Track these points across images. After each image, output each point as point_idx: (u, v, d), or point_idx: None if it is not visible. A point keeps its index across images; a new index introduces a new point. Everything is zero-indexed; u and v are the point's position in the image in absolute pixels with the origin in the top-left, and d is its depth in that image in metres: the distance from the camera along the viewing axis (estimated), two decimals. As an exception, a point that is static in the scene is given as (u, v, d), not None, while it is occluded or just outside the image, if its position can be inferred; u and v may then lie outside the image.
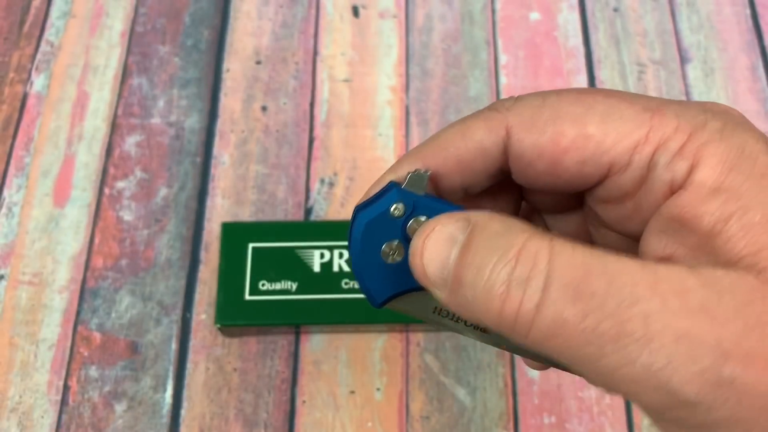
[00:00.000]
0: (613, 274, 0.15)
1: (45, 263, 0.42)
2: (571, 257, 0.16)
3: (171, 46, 0.48)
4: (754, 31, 0.49)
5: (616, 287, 0.15)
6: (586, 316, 0.15)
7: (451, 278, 0.17)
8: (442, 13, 0.50)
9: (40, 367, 0.39)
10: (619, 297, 0.15)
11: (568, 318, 0.15)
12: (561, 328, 0.15)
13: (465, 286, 0.17)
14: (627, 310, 0.15)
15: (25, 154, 0.45)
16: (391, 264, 0.19)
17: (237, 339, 0.40)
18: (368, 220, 0.19)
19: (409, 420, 0.38)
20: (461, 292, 0.17)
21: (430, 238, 0.17)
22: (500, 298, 0.16)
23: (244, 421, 0.38)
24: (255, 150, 0.45)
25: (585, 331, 0.15)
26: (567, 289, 0.15)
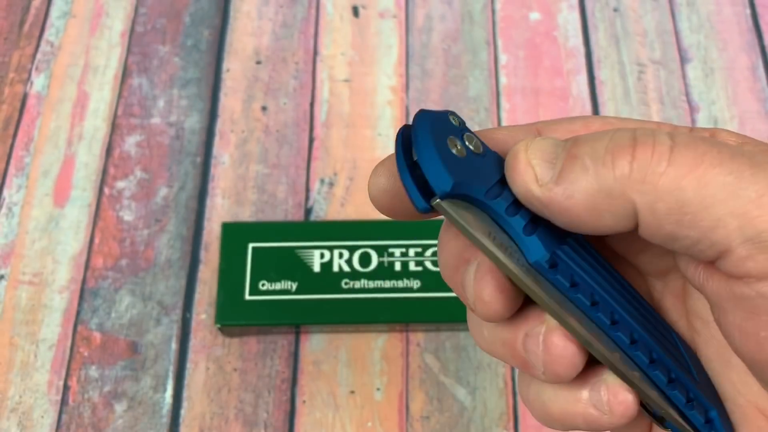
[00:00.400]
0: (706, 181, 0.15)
1: (45, 263, 0.42)
2: (689, 143, 0.16)
3: (171, 46, 0.48)
4: (754, 31, 0.49)
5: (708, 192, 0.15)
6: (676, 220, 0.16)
7: (565, 157, 0.16)
8: (442, 13, 0.50)
9: (40, 367, 0.39)
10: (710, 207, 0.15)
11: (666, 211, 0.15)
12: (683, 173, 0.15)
13: (582, 156, 0.16)
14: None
15: (25, 154, 0.45)
16: (458, 156, 0.17)
17: (237, 339, 0.40)
18: (432, 114, 0.18)
19: (409, 420, 0.38)
20: (575, 165, 0.16)
21: (537, 139, 0.17)
22: (629, 148, 0.16)
23: (244, 421, 0.38)
24: (255, 150, 0.45)
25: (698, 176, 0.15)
26: (689, 141, 0.16)
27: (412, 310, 0.38)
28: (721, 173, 0.15)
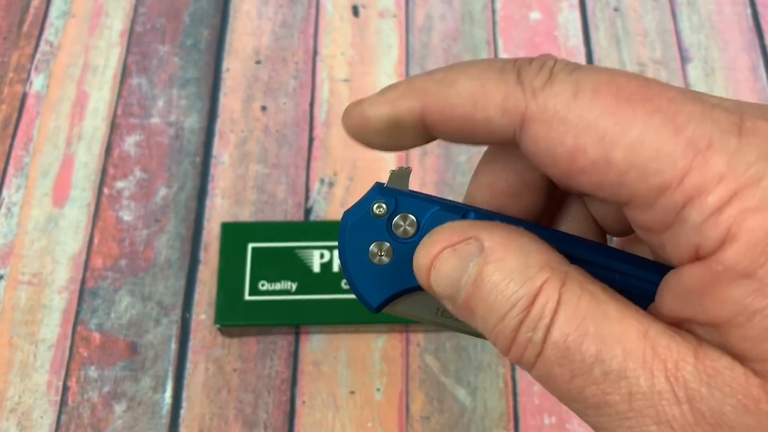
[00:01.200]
0: (607, 340, 0.15)
1: (44, 263, 0.41)
2: (574, 311, 0.15)
3: (170, 45, 0.48)
4: (755, 30, 0.49)
5: (606, 356, 0.15)
6: (574, 378, 0.15)
7: (462, 304, 0.17)
8: (442, 13, 0.50)
9: (40, 368, 0.39)
10: (608, 367, 0.15)
11: (557, 376, 0.15)
12: (552, 382, 0.16)
13: (476, 317, 0.16)
14: (613, 382, 0.15)
15: (24, 154, 0.44)
16: (381, 266, 0.19)
17: (237, 339, 0.40)
18: (351, 222, 0.19)
19: (409, 420, 0.38)
20: (470, 317, 0.17)
21: (440, 261, 0.17)
22: (508, 343, 0.16)
23: (244, 422, 0.38)
24: (255, 150, 0.45)
25: (571, 390, 0.15)
26: (560, 348, 0.15)
27: (412, 310, 0.38)
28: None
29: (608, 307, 0.15)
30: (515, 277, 0.16)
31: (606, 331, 0.15)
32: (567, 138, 0.15)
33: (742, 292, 0.14)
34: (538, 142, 0.16)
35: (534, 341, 0.15)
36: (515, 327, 0.16)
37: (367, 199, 0.19)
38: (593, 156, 0.15)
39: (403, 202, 0.18)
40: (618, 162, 0.15)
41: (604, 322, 0.15)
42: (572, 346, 0.15)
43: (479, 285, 0.16)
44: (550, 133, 0.15)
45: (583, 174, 0.15)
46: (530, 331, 0.15)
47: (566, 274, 0.16)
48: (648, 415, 0.14)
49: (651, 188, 0.14)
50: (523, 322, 0.16)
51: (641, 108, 0.15)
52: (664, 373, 0.15)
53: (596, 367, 0.15)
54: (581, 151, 0.15)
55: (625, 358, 0.15)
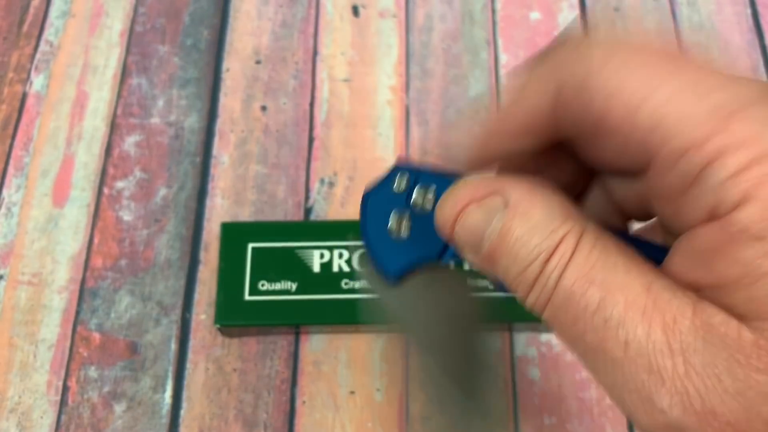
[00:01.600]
0: (611, 289, 0.16)
1: (44, 263, 0.41)
2: (585, 260, 0.16)
3: (170, 45, 0.48)
4: (755, 30, 0.49)
5: (608, 304, 0.15)
6: (576, 322, 0.16)
7: (485, 254, 0.17)
8: (442, 13, 0.50)
9: (40, 368, 0.39)
10: (607, 314, 0.15)
11: (562, 320, 0.16)
12: (558, 325, 0.17)
13: (498, 266, 0.17)
14: (611, 329, 0.15)
15: (24, 154, 0.44)
16: (401, 240, 0.19)
17: (237, 339, 0.40)
18: (372, 196, 0.19)
19: (410, 421, 0.38)
20: (492, 266, 0.17)
21: (466, 215, 0.18)
22: (527, 290, 0.17)
23: (244, 422, 0.38)
24: (255, 150, 0.45)
25: (573, 334, 0.16)
26: (567, 293, 0.16)
27: (412, 310, 0.38)
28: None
29: (617, 259, 0.16)
30: (539, 231, 0.16)
31: (611, 280, 0.16)
32: (597, 99, 0.16)
33: (753, 253, 0.14)
34: (571, 106, 0.16)
35: (547, 287, 0.16)
36: (536, 276, 0.16)
37: (388, 176, 0.19)
38: (620, 117, 0.15)
39: (423, 176, 0.19)
40: (643, 123, 0.15)
41: (611, 272, 0.16)
42: (578, 291, 0.16)
43: (504, 238, 0.17)
44: (581, 94, 0.16)
45: (609, 137, 0.16)
46: (546, 278, 0.16)
47: (584, 227, 0.16)
48: (641, 364, 0.15)
49: (673, 149, 0.15)
50: (542, 271, 0.16)
51: (668, 74, 0.15)
52: (661, 325, 0.15)
53: (598, 314, 0.15)
54: (609, 111, 0.16)
55: (625, 307, 0.15)
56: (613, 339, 0.15)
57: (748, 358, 0.14)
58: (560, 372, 0.39)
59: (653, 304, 0.15)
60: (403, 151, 0.45)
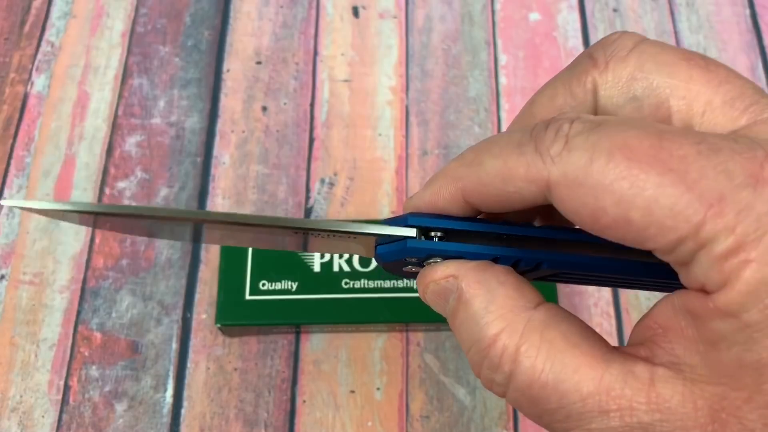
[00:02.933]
0: (566, 390, 0.17)
1: (46, 263, 0.42)
2: (532, 366, 0.18)
3: (171, 46, 0.48)
4: (754, 31, 0.49)
5: (566, 403, 0.17)
6: (540, 416, 0.18)
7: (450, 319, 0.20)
8: (442, 14, 0.50)
9: (41, 367, 0.39)
10: (568, 412, 0.17)
11: (525, 411, 0.18)
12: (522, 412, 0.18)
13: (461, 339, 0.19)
14: (574, 421, 0.17)
15: (25, 154, 0.45)
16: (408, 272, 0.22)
17: (237, 339, 0.40)
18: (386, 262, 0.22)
19: (409, 419, 0.38)
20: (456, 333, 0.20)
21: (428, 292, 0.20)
22: (476, 371, 0.19)
23: (245, 421, 0.38)
24: (255, 150, 0.45)
25: (540, 422, 0.18)
26: (523, 394, 0.18)
27: (412, 310, 0.38)
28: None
29: (564, 356, 0.17)
30: (476, 320, 0.18)
31: (563, 382, 0.17)
32: (588, 200, 0.17)
33: (725, 328, 0.16)
34: (564, 203, 0.17)
35: (498, 383, 0.18)
36: (479, 362, 0.18)
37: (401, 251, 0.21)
38: (613, 216, 0.16)
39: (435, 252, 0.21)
40: (636, 221, 0.16)
41: (561, 373, 0.17)
42: (534, 394, 0.17)
43: (454, 317, 0.19)
44: (572, 195, 0.17)
45: (608, 230, 0.17)
46: (493, 372, 0.18)
47: (527, 323, 0.18)
48: None
49: (669, 242, 0.16)
50: (483, 361, 0.18)
51: (654, 170, 0.16)
52: (619, 414, 0.17)
53: (558, 412, 0.17)
54: (602, 211, 0.16)
55: (583, 404, 0.17)
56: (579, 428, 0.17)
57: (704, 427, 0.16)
58: (559, 371, 0.39)
59: (607, 397, 0.17)
60: (402, 152, 0.45)
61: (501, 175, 0.18)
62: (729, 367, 0.16)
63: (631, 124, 0.17)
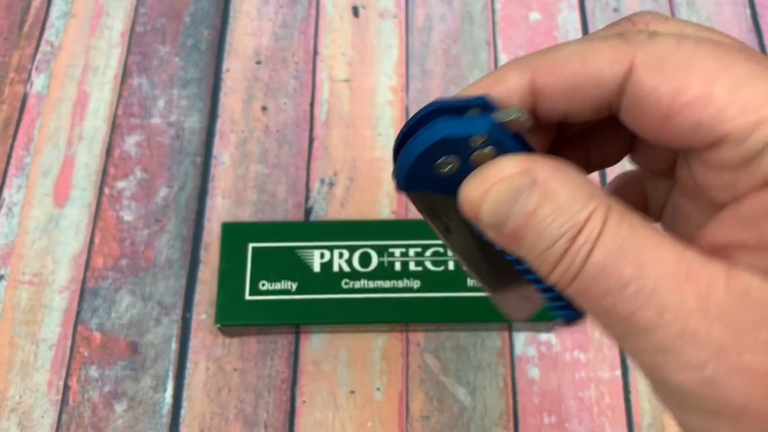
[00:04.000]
0: (644, 261, 0.16)
1: (45, 263, 0.42)
2: (614, 236, 0.16)
3: (171, 46, 0.48)
4: (754, 31, 0.49)
5: (641, 276, 0.16)
6: (607, 294, 0.16)
7: (509, 232, 0.18)
8: (442, 13, 0.50)
9: (41, 367, 0.39)
10: (640, 287, 0.16)
11: (592, 293, 0.17)
12: (586, 298, 0.17)
13: (523, 244, 0.17)
14: (644, 299, 0.16)
15: (25, 154, 0.45)
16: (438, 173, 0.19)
17: (237, 339, 0.40)
18: (446, 135, 0.18)
19: (409, 420, 0.38)
20: (514, 243, 0.18)
21: (493, 192, 0.18)
22: (551, 267, 0.17)
23: (244, 421, 0.38)
24: (255, 150, 0.45)
25: (602, 307, 0.16)
26: (598, 269, 0.16)
27: (412, 310, 0.38)
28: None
29: (645, 233, 0.16)
30: (566, 208, 0.17)
31: (642, 254, 0.16)
32: (673, 76, 0.17)
33: None
34: (644, 85, 0.17)
35: (575, 263, 0.17)
36: (562, 252, 0.17)
37: (474, 126, 0.18)
38: (696, 91, 0.16)
39: (501, 143, 0.18)
40: (719, 97, 0.16)
41: (641, 246, 0.16)
42: (609, 267, 0.16)
43: (531, 216, 0.17)
44: (656, 74, 0.17)
45: (684, 111, 0.17)
46: (574, 255, 0.17)
47: (610, 205, 0.17)
48: (676, 329, 0.16)
49: (747, 123, 0.16)
50: (569, 248, 0.17)
51: (741, 56, 0.17)
52: (695, 293, 0.16)
53: (630, 286, 0.16)
54: (686, 87, 0.16)
55: (658, 279, 0.16)
56: (646, 309, 0.16)
57: None
58: (559, 371, 0.39)
59: (686, 274, 0.16)
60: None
61: (583, 55, 0.18)
62: None
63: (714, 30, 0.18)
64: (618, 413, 0.38)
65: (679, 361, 0.16)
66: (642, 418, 0.38)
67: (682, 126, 0.17)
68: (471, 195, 0.18)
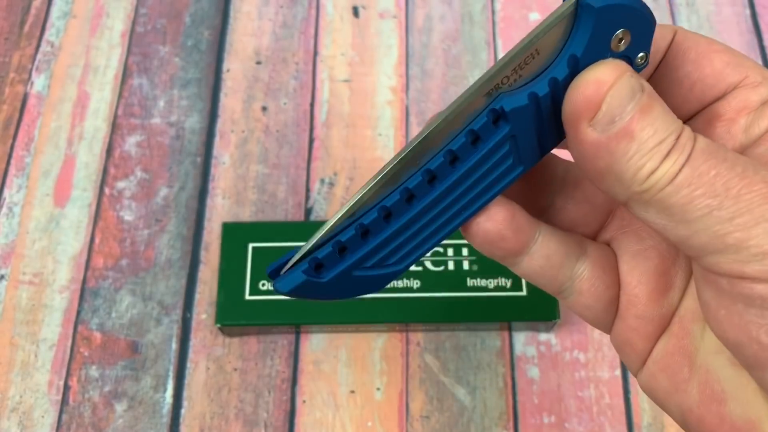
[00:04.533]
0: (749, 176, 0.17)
1: (45, 263, 0.42)
2: (707, 145, 0.18)
3: (171, 46, 0.48)
4: (754, 31, 0.49)
5: (748, 155, 0.19)
6: (713, 170, 0.17)
7: (623, 126, 0.18)
8: (442, 14, 0.50)
9: (41, 367, 0.39)
10: (748, 162, 0.17)
11: (701, 173, 0.17)
12: (692, 182, 0.17)
13: (634, 139, 0.18)
14: (753, 172, 0.17)
15: (25, 154, 0.45)
16: None
17: (237, 339, 0.40)
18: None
19: (409, 419, 0.38)
20: (624, 140, 0.18)
21: (622, 81, 0.18)
22: (661, 157, 0.18)
23: (245, 421, 0.38)
24: (255, 150, 0.45)
25: (711, 183, 0.17)
26: (706, 150, 0.18)
27: (412, 310, 0.38)
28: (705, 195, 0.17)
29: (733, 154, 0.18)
30: (670, 113, 0.18)
31: (743, 166, 0.17)
32: (699, 45, 0.21)
33: None
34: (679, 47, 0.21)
35: (686, 148, 0.18)
36: (674, 142, 0.18)
37: None
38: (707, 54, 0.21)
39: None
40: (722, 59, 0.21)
41: (738, 161, 0.18)
42: (716, 147, 0.18)
43: (649, 109, 0.18)
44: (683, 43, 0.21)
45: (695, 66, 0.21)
46: (684, 142, 0.18)
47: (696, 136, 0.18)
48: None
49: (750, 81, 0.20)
50: (674, 146, 0.18)
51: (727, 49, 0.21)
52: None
53: (738, 164, 0.17)
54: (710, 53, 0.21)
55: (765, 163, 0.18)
56: (755, 181, 0.17)
57: None
58: (559, 371, 0.39)
59: None
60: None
61: None
62: None
63: None
64: (618, 413, 0.38)
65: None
66: (642, 418, 0.38)
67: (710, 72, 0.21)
68: (602, 76, 0.18)
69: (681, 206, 0.17)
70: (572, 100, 0.18)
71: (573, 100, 0.18)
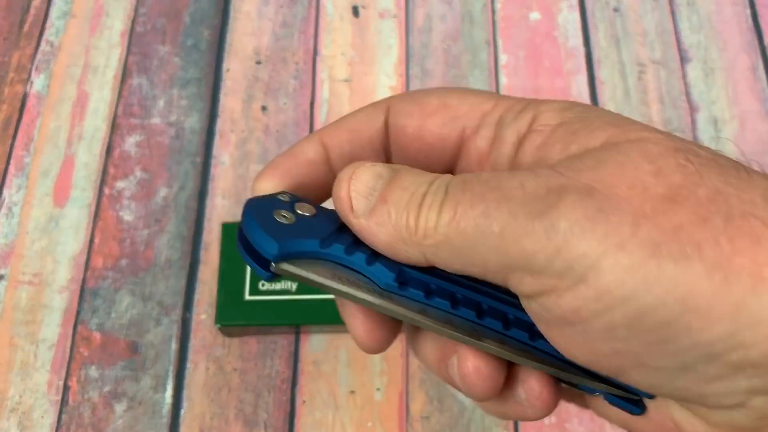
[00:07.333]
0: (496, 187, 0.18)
1: (45, 263, 0.42)
2: (462, 187, 0.18)
3: (171, 46, 0.48)
4: (754, 31, 0.49)
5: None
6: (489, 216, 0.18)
7: (377, 198, 0.19)
8: (442, 13, 0.50)
9: (40, 367, 0.39)
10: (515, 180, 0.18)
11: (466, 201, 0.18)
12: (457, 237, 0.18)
13: (390, 201, 0.19)
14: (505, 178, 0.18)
15: (25, 154, 0.45)
16: (284, 224, 0.20)
17: (237, 339, 0.40)
18: (258, 201, 0.20)
19: (410, 420, 0.38)
20: (383, 209, 0.19)
21: (360, 169, 0.20)
22: (416, 213, 0.18)
23: (244, 421, 0.38)
24: (255, 150, 0.45)
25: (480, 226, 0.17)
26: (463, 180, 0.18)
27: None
28: (474, 216, 0.17)
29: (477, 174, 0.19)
30: (420, 173, 0.19)
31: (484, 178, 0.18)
32: (417, 99, 0.22)
33: (560, 133, 0.20)
34: (399, 110, 0.22)
35: (435, 201, 0.18)
36: (421, 198, 0.18)
37: (268, 195, 0.21)
38: (435, 103, 0.22)
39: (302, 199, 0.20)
40: (452, 104, 0.22)
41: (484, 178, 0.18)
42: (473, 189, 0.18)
43: (397, 178, 0.19)
44: (406, 102, 0.22)
45: (430, 117, 0.22)
46: (432, 195, 0.18)
47: (449, 178, 0.19)
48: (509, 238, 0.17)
49: (477, 115, 0.21)
50: (426, 193, 0.18)
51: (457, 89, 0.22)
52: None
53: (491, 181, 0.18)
54: (427, 103, 0.22)
55: None
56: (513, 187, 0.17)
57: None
58: (560, 371, 0.39)
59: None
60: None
61: (359, 117, 0.23)
62: None
63: None
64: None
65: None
66: (642, 419, 0.38)
67: (433, 130, 0.22)
68: (342, 177, 0.20)
69: (463, 238, 0.17)
70: (335, 204, 0.20)
71: (335, 204, 0.20)
